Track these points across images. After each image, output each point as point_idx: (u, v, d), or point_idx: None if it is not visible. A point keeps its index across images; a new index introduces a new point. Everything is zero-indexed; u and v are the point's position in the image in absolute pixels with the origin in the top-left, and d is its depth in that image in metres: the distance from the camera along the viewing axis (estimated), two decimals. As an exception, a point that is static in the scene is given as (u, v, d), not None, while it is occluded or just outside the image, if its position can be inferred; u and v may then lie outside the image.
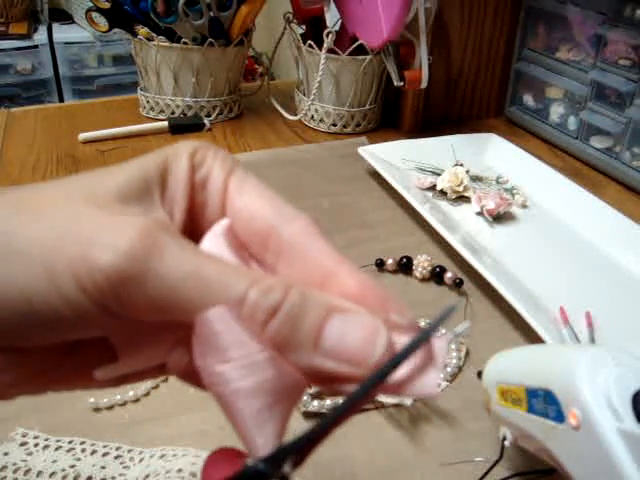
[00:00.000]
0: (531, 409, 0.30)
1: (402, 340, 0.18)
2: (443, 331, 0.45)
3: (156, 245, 0.17)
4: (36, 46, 1.96)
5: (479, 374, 0.37)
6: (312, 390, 0.39)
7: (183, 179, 0.20)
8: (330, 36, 0.73)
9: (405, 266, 0.53)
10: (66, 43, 1.98)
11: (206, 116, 0.82)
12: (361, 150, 0.69)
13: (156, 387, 0.41)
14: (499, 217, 0.61)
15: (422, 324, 0.46)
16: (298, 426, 0.39)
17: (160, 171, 0.20)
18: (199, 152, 0.21)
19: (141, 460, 0.35)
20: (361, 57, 0.75)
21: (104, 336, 0.19)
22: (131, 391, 0.40)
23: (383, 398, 0.39)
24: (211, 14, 0.75)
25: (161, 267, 0.16)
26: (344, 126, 0.81)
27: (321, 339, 0.17)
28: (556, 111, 0.78)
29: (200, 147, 0.21)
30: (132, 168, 0.20)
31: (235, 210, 0.21)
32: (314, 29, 0.79)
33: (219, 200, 0.21)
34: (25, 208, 0.18)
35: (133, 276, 0.16)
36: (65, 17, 2.10)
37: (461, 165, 0.66)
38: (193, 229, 0.21)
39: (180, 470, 0.34)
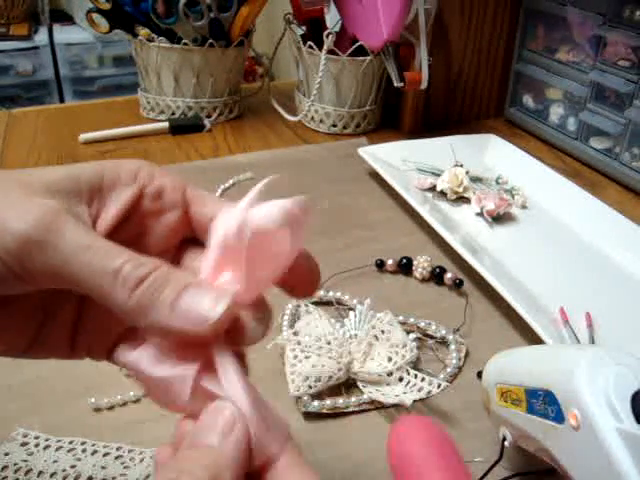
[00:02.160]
0: (531, 409, 0.30)
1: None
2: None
3: (58, 221, 0.21)
4: (37, 47, 1.96)
5: (479, 374, 0.37)
6: (312, 390, 0.39)
7: (124, 191, 0.24)
8: (330, 37, 0.73)
9: (405, 267, 0.53)
10: (67, 44, 1.99)
11: (206, 117, 0.82)
12: (361, 151, 0.69)
13: (156, 387, 0.41)
14: (499, 218, 0.61)
15: (422, 324, 0.46)
16: (300, 427, 0.39)
17: (94, 177, 0.23)
18: (144, 169, 0.25)
19: (142, 460, 0.36)
20: (361, 58, 0.75)
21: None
22: (132, 391, 0.40)
23: (383, 398, 0.39)
24: (211, 15, 0.75)
25: (58, 240, 0.20)
26: (344, 127, 0.81)
27: (176, 303, 0.21)
28: (556, 112, 0.78)
29: (144, 165, 0.25)
30: (69, 170, 0.23)
31: (202, 217, 0.25)
32: (314, 30, 0.79)
33: (178, 208, 0.25)
34: None
35: (35, 243, 0.20)
36: (66, 18, 2.10)
37: (461, 166, 0.66)
38: (142, 230, 0.25)
39: (180, 470, 0.34)
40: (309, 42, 0.76)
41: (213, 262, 0.23)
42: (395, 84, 0.73)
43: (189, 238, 0.26)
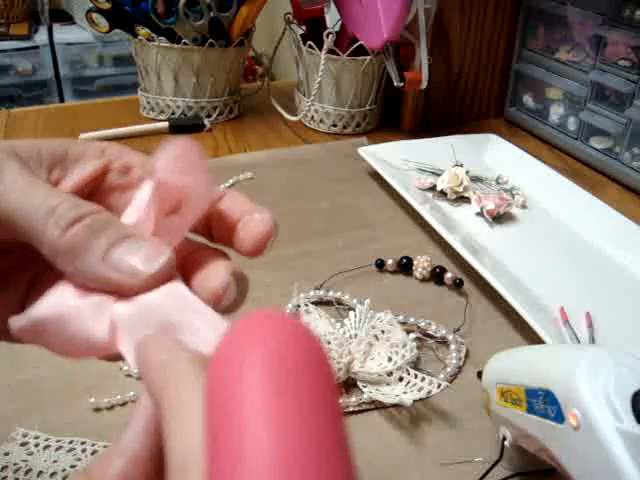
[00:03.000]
0: (531, 409, 0.30)
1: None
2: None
3: (4, 165, 0.21)
4: (37, 47, 1.96)
5: (479, 374, 0.37)
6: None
7: (88, 163, 0.24)
8: (330, 37, 0.73)
9: (405, 266, 0.53)
10: (67, 44, 1.98)
11: (206, 116, 0.82)
12: (361, 150, 0.69)
13: (156, 387, 0.41)
14: (499, 217, 0.61)
15: (422, 324, 0.46)
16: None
17: (58, 150, 0.23)
18: (112, 147, 0.25)
19: (141, 460, 0.35)
20: (361, 58, 0.75)
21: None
22: (132, 391, 0.40)
23: (383, 398, 0.39)
24: (211, 15, 0.75)
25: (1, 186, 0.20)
26: (344, 127, 0.81)
27: (109, 252, 0.20)
28: (556, 112, 0.78)
29: (112, 144, 0.25)
30: (35, 140, 0.23)
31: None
32: (314, 30, 0.79)
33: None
34: None
35: None
36: (66, 18, 2.10)
37: (461, 165, 0.66)
38: (106, 206, 0.24)
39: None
40: (309, 42, 0.76)
41: (142, 212, 0.22)
42: (395, 84, 0.73)
43: None
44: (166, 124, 0.79)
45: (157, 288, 0.20)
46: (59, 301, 0.21)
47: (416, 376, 0.41)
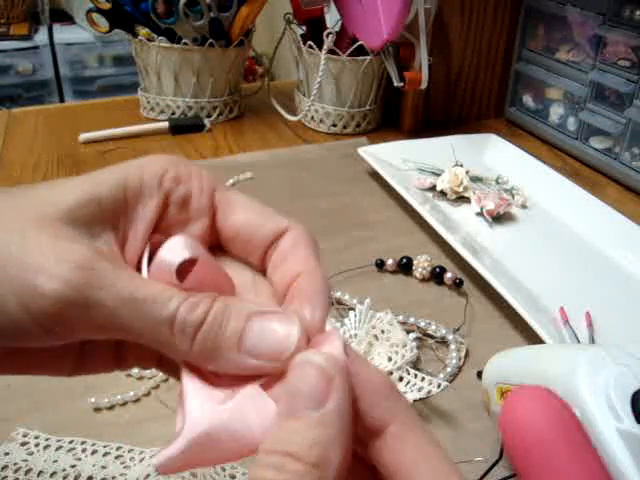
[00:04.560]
0: (531, 409, 0.30)
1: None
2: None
3: (95, 275, 0.18)
4: (37, 47, 1.96)
5: (479, 374, 0.37)
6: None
7: (149, 204, 0.21)
8: (330, 37, 0.73)
9: (405, 266, 0.53)
10: (67, 44, 1.99)
11: (206, 117, 0.82)
12: (361, 150, 0.69)
13: (156, 387, 0.41)
14: (499, 217, 0.61)
15: (422, 324, 0.46)
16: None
17: (117, 195, 0.21)
18: (170, 170, 0.22)
19: (142, 460, 0.36)
20: (361, 58, 0.75)
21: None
22: (132, 391, 0.40)
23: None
24: (211, 15, 0.75)
25: (99, 295, 0.18)
26: (344, 127, 0.81)
27: (242, 341, 0.19)
28: (556, 112, 0.78)
29: (169, 165, 0.22)
30: (86, 189, 0.20)
31: (231, 228, 0.23)
32: (314, 30, 0.79)
33: (205, 218, 0.23)
34: None
35: (74, 303, 0.18)
36: (66, 18, 2.10)
37: (461, 165, 0.66)
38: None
39: (180, 470, 0.34)
40: (309, 42, 0.76)
41: None
42: (395, 84, 0.73)
43: (216, 245, 0.24)
44: (166, 124, 0.79)
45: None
46: (205, 412, 0.19)
47: (416, 376, 0.41)
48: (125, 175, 0.21)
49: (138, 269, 0.21)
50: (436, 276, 0.52)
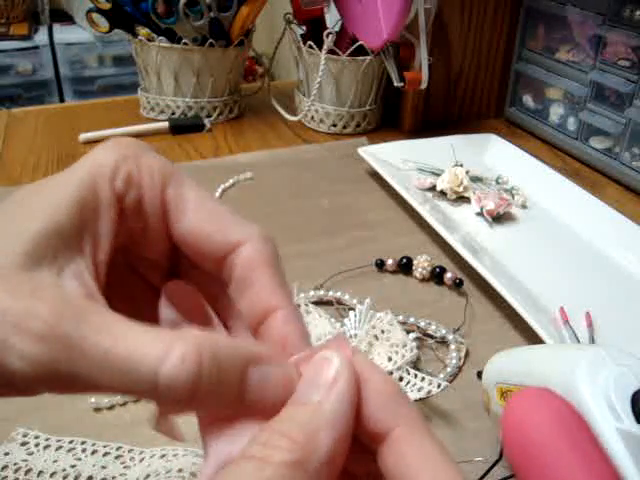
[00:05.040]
0: (531, 409, 0.30)
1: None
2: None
3: (60, 344, 0.16)
4: (37, 47, 1.96)
5: (479, 374, 0.37)
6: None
7: (105, 217, 0.20)
8: (330, 37, 0.73)
9: (405, 266, 0.53)
10: (67, 44, 1.99)
11: (206, 116, 0.82)
12: (361, 150, 0.69)
13: (156, 387, 0.41)
14: (499, 217, 0.61)
15: (422, 324, 0.46)
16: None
17: (75, 217, 0.19)
18: (121, 169, 0.20)
19: (142, 460, 0.35)
20: (361, 58, 0.75)
21: None
22: (131, 391, 0.40)
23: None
24: (211, 15, 0.75)
25: (72, 368, 0.16)
26: (344, 127, 0.81)
27: (244, 395, 0.18)
28: (556, 112, 0.78)
29: (122, 160, 0.20)
30: (42, 218, 0.18)
31: (180, 233, 0.21)
32: (314, 30, 0.79)
33: (159, 221, 0.21)
34: None
35: (48, 378, 0.17)
36: (66, 18, 2.10)
37: (461, 165, 0.66)
38: (134, 246, 0.21)
39: (181, 470, 0.34)
40: (309, 42, 0.76)
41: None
42: (395, 84, 0.73)
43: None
44: (166, 124, 0.79)
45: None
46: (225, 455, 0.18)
47: (416, 376, 0.41)
48: (79, 191, 0.19)
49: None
50: (436, 276, 0.52)
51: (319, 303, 0.48)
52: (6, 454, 0.35)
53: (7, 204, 0.19)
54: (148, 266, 0.23)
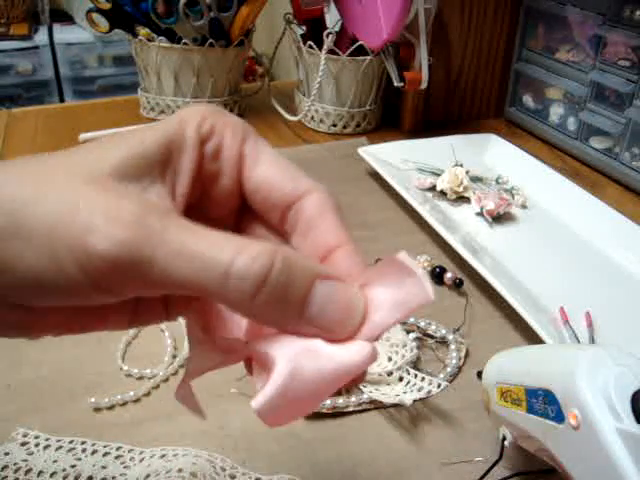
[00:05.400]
0: (531, 409, 0.30)
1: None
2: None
3: (144, 232, 0.18)
4: (37, 47, 1.96)
5: (479, 374, 0.37)
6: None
7: (189, 154, 0.21)
8: (330, 37, 0.73)
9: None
10: (67, 44, 1.99)
11: (206, 117, 0.82)
12: (361, 150, 0.69)
13: (157, 387, 0.41)
14: (499, 217, 0.61)
15: (422, 324, 0.46)
16: (300, 426, 0.39)
17: (162, 147, 0.21)
18: (207, 120, 0.22)
19: (142, 460, 0.36)
20: (361, 58, 0.75)
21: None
22: (132, 391, 0.40)
23: (383, 398, 0.39)
24: (211, 15, 0.75)
25: (149, 252, 0.17)
26: (344, 127, 0.81)
27: (306, 309, 0.18)
28: (556, 112, 0.78)
29: (208, 114, 0.22)
30: (131, 145, 0.20)
31: (252, 182, 0.22)
32: (314, 30, 0.79)
33: (234, 169, 0.22)
34: (29, 186, 0.19)
35: (126, 262, 0.17)
36: (66, 18, 2.10)
37: (461, 165, 0.66)
38: (205, 198, 0.22)
39: (180, 470, 0.34)
40: (309, 42, 0.76)
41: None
42: (395, 84, 0.73)
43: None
44: (166, 124, 0.79)
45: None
46: (289, 360, 0.19)
47: (416, 376, 0.41)
48: (167, 129, 0.21)
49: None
50: (436, 276, 0.52)
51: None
52: (6, 454, 0.35)
53: (94, 142, 0.21)
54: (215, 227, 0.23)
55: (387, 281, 0.20)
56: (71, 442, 0.36)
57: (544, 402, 0.29)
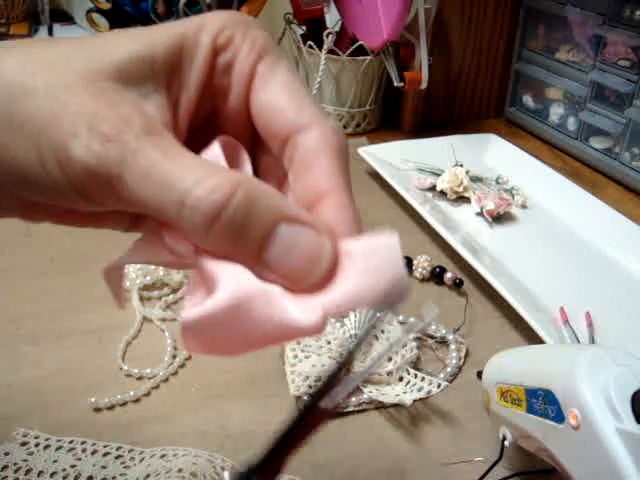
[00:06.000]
0: (531, 409, 0.30)
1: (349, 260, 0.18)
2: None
3: (120, 147, 0.17)
4: (36, 47, 1.96)
5: (479, 374, 0.37)
6: (312, 390, 0.39)
7: (199, 63, 0.20)
8: (330, 37, 0.73)
9: (405, 266, 0.53)
10: (66, 44, 1.98)
11: (206, 117, 0.82)
12: (361, 150, 0.69)
13: (156, 387, 0.41)
14: (499, 217, 0.61)
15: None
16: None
17: (172, 54, 0.19)
18: (226, 30, 0.20)
19: (142, 460, 0.35)
20: (361, 58, 0.75)
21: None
22: (132, 391, 0.40)
23: (383, 398, 0.39)
24: (211, 15, 0.75)
25: (120, 170, 0.17)
26: (344, 126, 0.81)
27: (263, 252, 0.17)
28: (556, 112, 0.78)
29: (228, 23, 0.20)
30: (140, 44, 0.19)
31: (257, 104, 0.20)
32: (314, 30, 0.79)
33: (243, 87, 0.20)
34: (28, 75, 0.18)
35: (98, 174, 0.17)
36: (66, 18, 2.10)
37: (461, 165, 0.66)
38: (215, 117, 0.21)
39: (180, 470, 0.34)
40: (309, 42, 0.76)
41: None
42: (395, 84, 0.73)
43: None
44: (166, 124, 0.79)
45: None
46: (239, 284, 0.17)
47: (416, 376, 0.41)
48: (183, 34, 0.20)
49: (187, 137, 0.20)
50: (436, 276, 0.52)
51: (319, 303, 0.48)
52: (6, 454, 0.35)
53: (106, 34, 0.21)
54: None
55: (364, 258, 0.18)
56: (71, 442, 0.36)
57: (544, 402, 0.29)
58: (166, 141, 0.18)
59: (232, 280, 0.17)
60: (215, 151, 0.20)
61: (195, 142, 0.20)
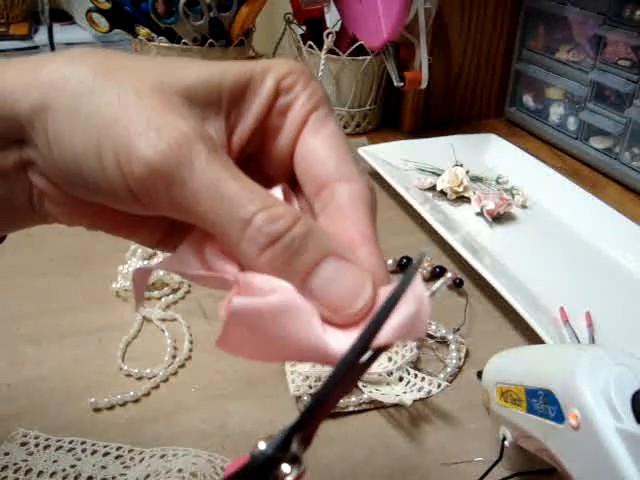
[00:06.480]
0: (531, 409, 0.30)
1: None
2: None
3: (189, 155, 0.18)
4: (37, 47, 1.95)
5: (479, 374, 0.37)
6: (312, 390, 0.39)
7: (260, 101, 0.21)
8: (330, 37, 0.73)
9: (405, 266, 0.53)
10: (67, 44, 1.98)
11: (206, 117, 0.82)
12: (361, 150, 0.69)
13: (156, 387, 0.41)
14: (499, 217, 0.61)
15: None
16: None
17: (238, 86, 0.21)
18: (290, 77, 0.21)
19: (142, 460, 0.35)
20: (361, 57, 0.75)
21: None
22: (132, 391, 0.40)
23: (383, 398, 0.39)
24: (211, 15, 0.75)
25: (185, 175, 0.18)
26: (344, 126, 0.81)
27: (309, 278, 0.18)
28: (556, 111, 0.78)
29: (292, 71, 0.22)
30: (211, 71, 0.20)
31: (303, 149, 0.22)
32: (314, 30, 0.79)
33: (295, 131, 0.22)
34: (100, 76, 0.19)
35: (161, 175, 0.18)
36: (66, 18, 2.10)
37: (461, 165, 0.66)
38: (262, 153, 0.22)
39: (180, 470, 0.34)
40: (309, 42, 0.76)
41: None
42: (395, 84, 0.73)
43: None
44: (166, 124, 0.79)
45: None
46: (293, 293, 0.18)
47: (416, 376, 0.41)
48: (252, 70, 0.21)
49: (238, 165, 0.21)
50: (436, 276, 0.52)
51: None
52: (6, 454, 0.35)
53: (178, 58, 0.22)
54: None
55: (398, 308, 0.19)
56: (71, 442, 0.36)
57: (544, 402, 0.29)
58: (229, 161, 0.19)
59: (286, 289, 0.18)
60: (275, 191, 0.21)
61: None
